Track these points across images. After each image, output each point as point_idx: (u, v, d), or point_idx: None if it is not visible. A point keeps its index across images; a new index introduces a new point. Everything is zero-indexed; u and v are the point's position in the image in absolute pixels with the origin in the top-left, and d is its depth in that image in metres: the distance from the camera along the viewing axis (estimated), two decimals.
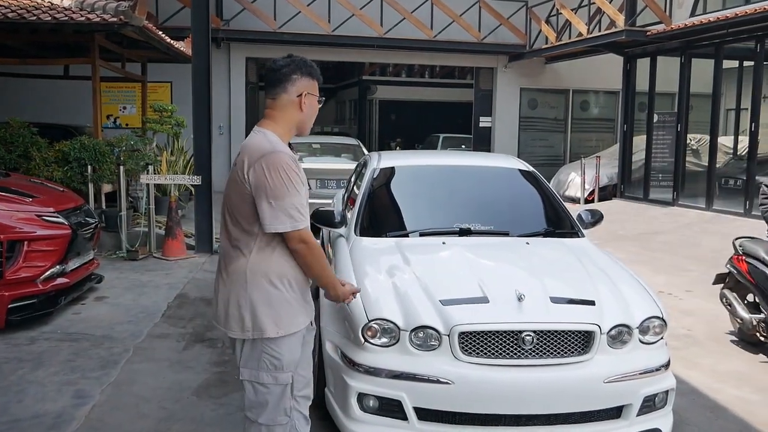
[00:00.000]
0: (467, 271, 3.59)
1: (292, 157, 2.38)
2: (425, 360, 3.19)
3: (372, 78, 28.46)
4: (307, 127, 2.56)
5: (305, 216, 2.40)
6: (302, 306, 2.52)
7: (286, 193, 2.32)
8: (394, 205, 4.81)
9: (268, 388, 2.48)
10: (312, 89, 2.51)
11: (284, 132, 2.48)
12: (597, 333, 3.22)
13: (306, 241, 2.40)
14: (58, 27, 7.86)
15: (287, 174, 2.33)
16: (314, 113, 2.56)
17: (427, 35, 15.04)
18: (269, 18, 14.37)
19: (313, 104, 2.54)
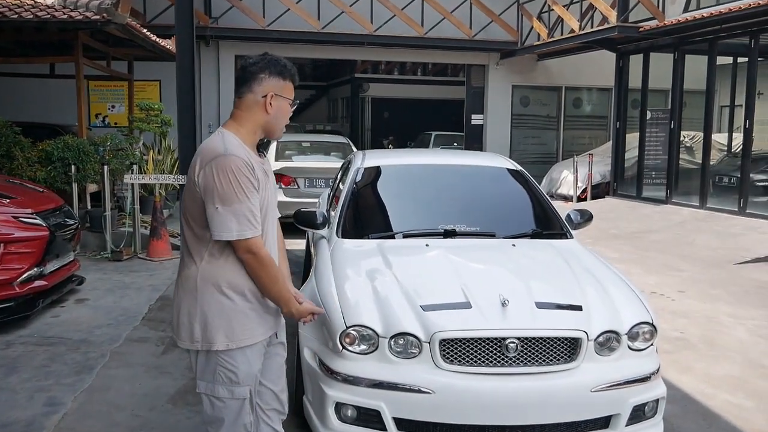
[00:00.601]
0: (450, 274, 3.48)
1: (245, 161, 2.23)
2: (405, 368, 3.08)
3: (364, 76, 28.33)
4: (275, 129, 2.40)
5: (255, 224, 2.25)
6: (261, 317, 2.39)
7: (234, 198, 2.20)
8: (378, 206, 4.70)
9: (224, 402, 2.37)
10: (281, 90, 2.36)
11: (247, 133, 2.34)
12: (584, 340, 3.11)
13: (253, 251, 2.26)
14: (40, 25, 7.71)
15: (237, 178, 2.20)
16: (283, 116, 2.39)
17: (417, 32, 14.90)
18: (258, 15, 14.22)
19: (283, 107, 2.38)
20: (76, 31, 8.14)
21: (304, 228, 4.48)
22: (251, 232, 2.23)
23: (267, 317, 2.41)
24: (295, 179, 9.82)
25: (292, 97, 2.41)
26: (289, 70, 2.40)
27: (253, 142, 2.36)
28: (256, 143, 2.39)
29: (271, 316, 2.44)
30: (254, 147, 2.38)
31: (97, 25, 7.76)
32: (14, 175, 7.60)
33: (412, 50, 15.94)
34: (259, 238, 2.27)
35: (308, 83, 32.74)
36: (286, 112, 2.40)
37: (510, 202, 4.71)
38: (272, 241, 2.46)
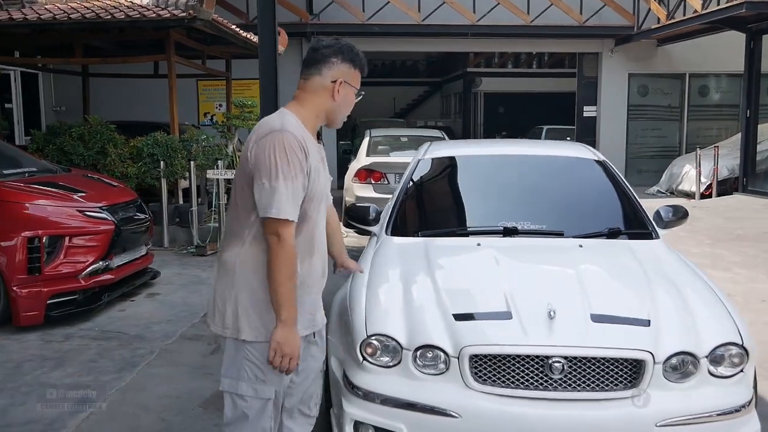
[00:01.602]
0: (496, 279, 3.00)
1: (300, 141, 2.10)
2: (431, 386, 2.67)
3: (477, 70, 27.72)
4: (338, 118, 2.30)
5: (294, 207, 2.10)
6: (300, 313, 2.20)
7: (281, 175, 2.07)
8: (434, 201, 4.28)
9: (247, 401, 2.21)
10: (350, 78, 2.26)
11: (308, 116, 2.22)
12: (649, 362, 2.55)
13: (280, 235, 2.08)
14: (131, 24, 7.91)
15: (287, 155, 2.07)
16: (348, 105, 2.29)
17: (523, 20, 14.18)
18: (357, 10, 14.08)
19: (349, 95, 2.27)
20: (168, 29, 8.27)
21: (356, 225, 4.13)
22: (285, 213, 2.08)
23: (303, 313, 2.22)
24: (384, 174, 9.53)
25: (359, 86, 2.30)
26: (361, 59, 2.30)
27: (313, 126, 2.25)
28: (316, 128, 2.27)
29: (308, 313, 2.27)
30: (314, 131, 2.26)
31: (184, 22, 7.84)
32: (107, 170, 7.85)
33: (518, 40, 15.22)
34: (293, 225, 2.11)
35: (421, 79, 32.63)
36: (351, 102, 2.30)
37: (587, 197, 4.12)
38: (321, 234, 2.32)
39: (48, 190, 5.08)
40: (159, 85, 12.90)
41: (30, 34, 8.71)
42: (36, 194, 4.94)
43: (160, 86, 13.02)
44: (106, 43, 9.38)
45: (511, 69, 27.84)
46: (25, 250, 4.66)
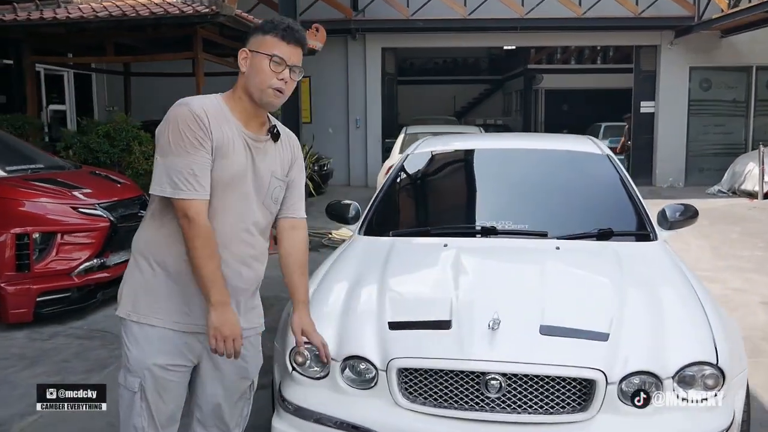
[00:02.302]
0: (449, 284, 2.70)
1: (195, 113, 1.92)
2: (358, 402, 2.41)
3: (537, 67, 27.08)
4: (253, 90, 2.00)
5: (195, 185, 1.92)
6: (174, 304, 2.03)
7: (171, 150, 1.92)
8: (414, 199, 4.00)
9: (120, 390, 2.09)
10: (258, 46, 2.00)
11: (236, 99, 2.04)
12: (600, 382, 2.22)
13: (190, 216, 1.92)
14: (156, 22, 7.93)
15: (178, 128, 1.92)
16: (260, 73, 1.98)
17: (575, 13, 13.60)
18: (402, 6, 13.84)
19: (257, 63, 1.99)
20: (194, 26, 8.25)
21: (336, 222, 3.92)
22: (188, 193, 1.91)
23: (187, 308, 2.03)
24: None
25: (277, 52, 1.98)
26: (274, 24, 2.03)
27: (243, 109, 2.03)
28: (254, 113, 2.05)
29: (196, 310, 2.03)
30: (253, 116, 2.04)
31: (207, 18, 7.80)
32: (131, 168, 7.89)
33: (570, 33, 14.64)
34: (201, 203, 1.93)
35: (483, 77, 32.10)
36: (263, 70, 1.98)
37: (581, 194, 3.74)
38: (233, 230, 2.05)
39: (43, 186, 5.06)
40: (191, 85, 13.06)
41: (65, 33, 8.89)
42: (29, 191, 4.93)
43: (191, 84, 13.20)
44: (139, 41, 9.46)
45: (573, 65, 27.06)
46: (14, 246, 4.64)
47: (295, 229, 2.24)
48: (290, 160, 2.18)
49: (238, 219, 2.05)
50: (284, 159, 2.15)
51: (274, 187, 2.12)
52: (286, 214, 2.21)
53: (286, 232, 2.22)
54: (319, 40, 11.55)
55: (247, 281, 2.10)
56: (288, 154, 2.17)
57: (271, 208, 2.14)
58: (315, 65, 14.11)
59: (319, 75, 14.80)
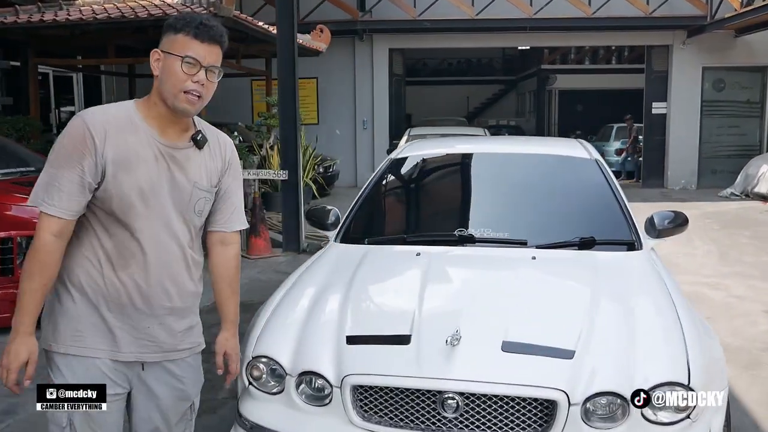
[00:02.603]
0: (414, 296, 2.60)
1: (88, 127, 1.78)
2: (313, 420, 2.33)
3: (551, 67, 26.84)
4: (167, 95, 1.82)
5: (56, 201, 1.77)
6: (98, 330, 1.86)
7: (49, 161, 1.81)
8: (392, 205, 3.90)
9: (49, 426, 1.92)
10: (169, 46, 1.82)
11: (148, 102, 1.89)
12: (562, 403, 2.10)
13: (36, 230, 1.80)
14: (154, 23, 7.88)
15: (62, 140, 1.81)
16: (171, 75, 1.81)
17: (584, 12, 13.40)
18: (408, 6, 13.73)
19: (169, 66, 1.81)
20: None
21: (317, 229, 3.82)
22: (45, 206, 1.78)
23: (118, 332, 1.87)
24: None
25: (190, 53, 1.79)
26: (185, 20, 1.82)
27: (159, 115, 1.86)
28: (172, 119, 1.87)
29: (127, 333, 1.88)
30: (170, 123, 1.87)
31: None
32: None
33: (579, 33, 14.43)
34: (51, 220, 1.77)
35: (496, 78, 31.90)
36: (174, 71, 1.80)
37: (565, 201, 3.61)
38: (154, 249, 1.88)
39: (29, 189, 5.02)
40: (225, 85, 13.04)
41: (68, 36, 8.90)
42: (12, 194, 4.89)
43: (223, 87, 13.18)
44: (141, 42, 9.44)
45: (587, 65, 26.78)
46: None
47: (225, 245, 2.07)
48: (220, 168, 1.99)
49: (156, 235, 1.88)
50: (212, 168, 1.96)
51: (198, 199, 1.93)
52: (216, 228, 2.04)
53: (216, 248, 2.07)
54: (324, 42, 11.50)
55: (176, 299, 1.94)
56: (218, 162, 1.98)
57: (194, 221, 1.95)
58: (322, 66, 14.05)
59: (326, 76, 14.74)
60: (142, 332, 1.90)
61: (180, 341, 1.98)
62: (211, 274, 2.09)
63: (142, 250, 1.86)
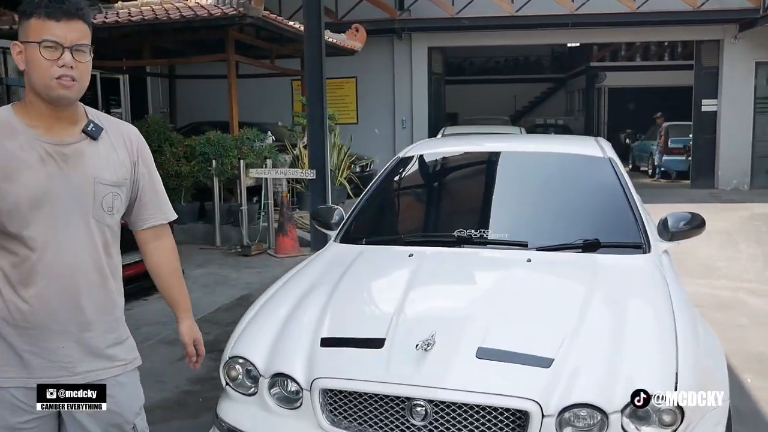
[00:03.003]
0: (397, 298, 2.52)
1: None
2: (284, 423, 2.28)
3: (600, 64, 26.22)
4: (41, 89, 1.64)
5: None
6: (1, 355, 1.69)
7: None
8: (394, 205, 3.81)
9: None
10: (27, 33, 1.64)
11: (24, 103, 1.71)
12: (535, 414, 1.99)
13: None
14: (186, 24, 8.01)
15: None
16: (37, 68, 1.63)
17: (629, 7, 13.00)
18: (446, 4, 13.59)
19: (30, 56, 1.63)
20: (226, 28, 8.30)
21: (322, 229, 3.78)
22: None
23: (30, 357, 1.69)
24: None
25: (47, 36, 1.61)
26: (32, 1, 1.64)
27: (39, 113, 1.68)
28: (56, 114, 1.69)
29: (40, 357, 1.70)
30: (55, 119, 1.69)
31: (235, 20, 7.82)
32: (162, 169, 8.00)
33: (624, 29, 14.01)
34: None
35: (545, 76, 31.38)
36: (38, 61, 1.62)
37: (573, 201, 3.46)
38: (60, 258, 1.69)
39: None
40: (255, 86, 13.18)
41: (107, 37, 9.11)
42: None
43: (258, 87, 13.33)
44: (178, 44, 9.61)
45: (638, 62, 26.06)
46: None
47: (159, 238, 1.94)
48: (128, 160, 1.81)
49: (58, 244, 1.69)
50: (115, 160, 1.77)
51: (104, 195, 1.74)
52: (147, 224, 1.90)
53: (151, 244, 1.94)
54: (359, 41, 11.48)
55: (91, 312, 1.75)
56: (121, 153, 1.79)
57: (106, 219, 1.76)
58: (361, 66, 14.03)
59: (365, 75, 14.72)
60: (56, 353, 1.71)
61: (105, 359, 1.79)
62: (153, 271, 1.98)
63: (43, 263, 1.67)
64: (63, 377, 1.72)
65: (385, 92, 14.95)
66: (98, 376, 1.78)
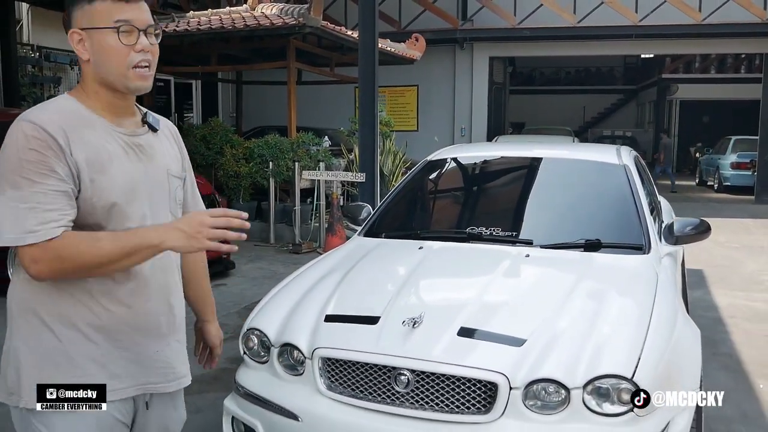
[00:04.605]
0: (398, 283, 2.81)
1: (43, 129, 1.43)
2: (289, 388, 2.59)
3: (672, 76, 25.62)
4: (116, 78, 1.53)
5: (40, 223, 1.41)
6: (106, 365, 1.54)
7: (7, 181, 1.42)
8: (417, 204, 4.07)
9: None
10: (89, 19, 1.50)
11: (87, 96, 1.55)
12: (503, 386, 2.23)
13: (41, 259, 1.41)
14: (250, 33, 8.50)
15: (18, 152, 1.42)
16: (109, 54, 1.51)
17: (693, 19, 12.82)
18: (508, 14, 13.74)
19: (101, 42, 1.50)
20: (287, 37, 8.76)
21: (351, 223, 4.11)
22: (33, 236, 1.40)
23: (120, 366, 1.56)
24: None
25: (120, 17, 1.50)
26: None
27: (109, 104, 1.56)
28: (125, 105, 1.59)
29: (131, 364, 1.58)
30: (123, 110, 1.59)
31: (295, 29, 8.25)
32: (223, 169, 8.52)
33: (688, 41, 13.79)
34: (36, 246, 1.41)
35: (615, 87, 30.89)
36: (112, 48, 1.51)
37: (581, 204, 3.65)
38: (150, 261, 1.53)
39: None
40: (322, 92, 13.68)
41: (179, 44, 9.74)
42: None
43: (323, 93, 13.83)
44: (245, 52, 10.16)
45: (713, 74, 25.33)
46: None
47: None
48: (178, 153, 1.75)
49: None
50: (172, 152, 1.71)
51: (176, 187, 1.68)
52: None
53: None
54: (418, 50, 11.78)
55: (179, 312, 1.71)
56: (174, 145, 1.74)
57: (178, 212, 1.69)
58: (422, 74, 14.35)
59: (426, 84, 15.03)
60: (152, 359, 1.62)
61: (186, 365, 1.75)
62: (187, 268, 1.84)
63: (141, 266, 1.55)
64: (160, 384, 1.64)
65: (445, 101, 15.21)
66: (180, 385, 1.71)
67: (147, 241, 1.44)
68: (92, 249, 1.43)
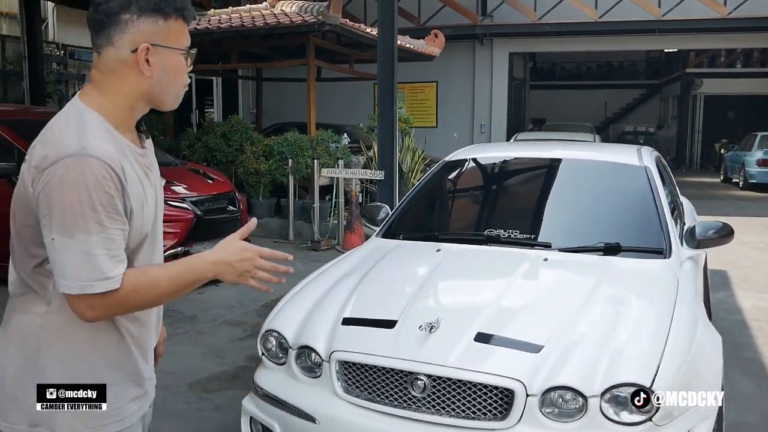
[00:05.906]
0: (413, 287, 2.82)
1: (109, 166, 1.33)
2: (306, 389, 2.61)
3: (696, 71, 25.26)
4: (166, 98, 1.49)
5: (109, 270, 1.33)
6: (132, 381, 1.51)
7: (80, 226, 1.31)
8: (436, 205, 4.07)
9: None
10: (165, 36, 1.42)
11: (114, 108, 1.43)
12: (520, 393, 2.23)
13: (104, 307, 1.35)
14: (269, 31, 8.54)
15: (90, 195, 1.31)
16: (176, 74, 1.46)
17: (719, 13, 12.64)
18: (529, 9, 13.64)
19: (171, 62, 1.44)
20: (307, 35, 8.78)
21: (369, 224, 4.12)
22: (103, 284, 1.32)
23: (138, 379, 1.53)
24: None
25: (187, 43, 1.47)
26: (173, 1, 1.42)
27: (125, 119, 1.45)
28: (134, 121, 1.49)
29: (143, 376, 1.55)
30: (130, 126, 1.48)
31: (315, 27, 8.27)
32: (243, 166, 8.57)
33: (714, 35, 13.59)
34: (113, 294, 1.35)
35: (638, 82, 30.53)
36: (180, 69, 1.46)
37: (601, 206, 3.62)
38: None
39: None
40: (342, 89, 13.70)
41: (200, 42, 9.82)
42: None
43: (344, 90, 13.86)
44: (264, 49, 10.20)
45: (738, 69, 24.92)
46: None
47: None
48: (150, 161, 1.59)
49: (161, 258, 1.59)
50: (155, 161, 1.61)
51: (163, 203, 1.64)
52: None
53: None
54: (437, 47, 11.74)
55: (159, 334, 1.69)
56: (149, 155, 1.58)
57: None
58: (442, 70, 14.31)
59: (445, 80, 14.99)
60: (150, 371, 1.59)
61: None
62: None
63: None
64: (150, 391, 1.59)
65: (464, 97, 15.15)
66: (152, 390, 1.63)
67: (201, 276, 1.43)
68: (151, 290, 1.40)
